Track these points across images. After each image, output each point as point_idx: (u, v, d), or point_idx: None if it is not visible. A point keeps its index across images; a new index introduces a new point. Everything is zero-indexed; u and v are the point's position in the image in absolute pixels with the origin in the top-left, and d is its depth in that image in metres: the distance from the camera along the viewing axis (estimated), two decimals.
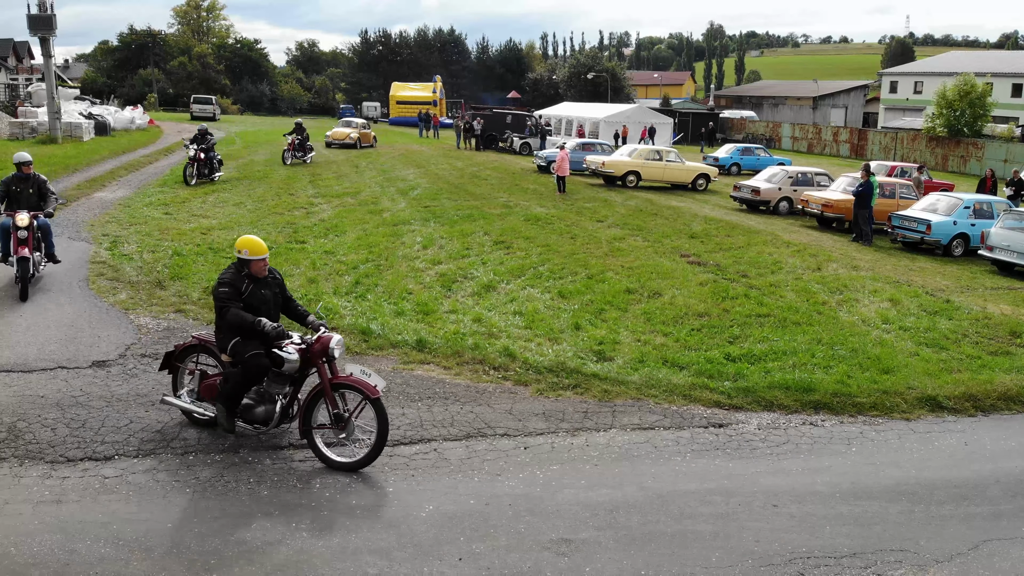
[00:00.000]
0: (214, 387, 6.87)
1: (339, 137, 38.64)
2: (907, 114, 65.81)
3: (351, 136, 38.60)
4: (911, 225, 18.71)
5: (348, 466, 6.48)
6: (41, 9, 30.11)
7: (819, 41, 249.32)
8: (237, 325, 6.52)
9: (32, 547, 5.23)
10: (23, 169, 11.24)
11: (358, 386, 6.49)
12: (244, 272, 6.79)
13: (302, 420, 6.62)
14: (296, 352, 6.58)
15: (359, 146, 38.42)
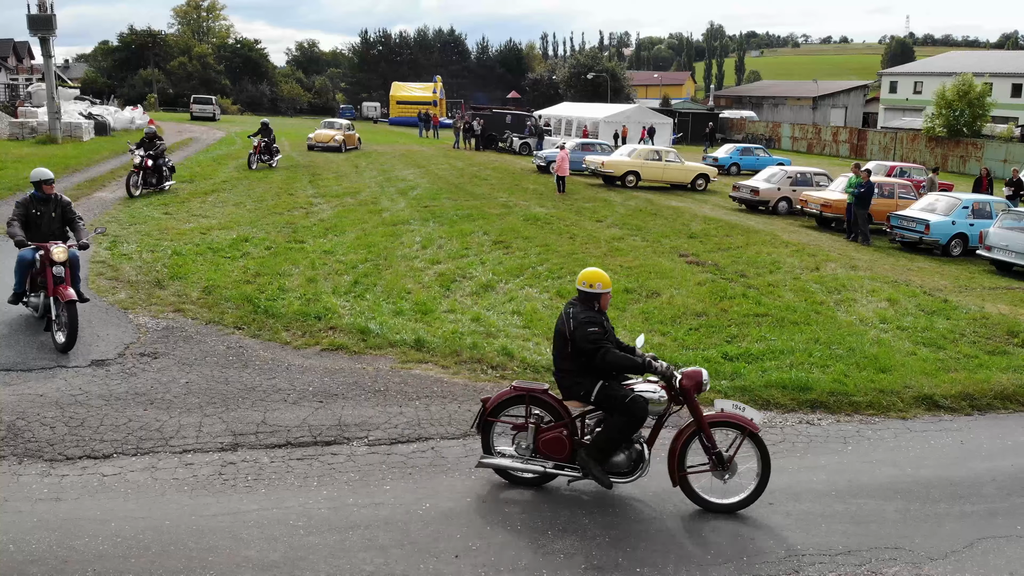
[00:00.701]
0: (559, 440, 6.13)
1: (322, 140, 36.58)
2: (907, 114, 65.85)
3: (335, 138, 36.59)
4: (910, 225, 18.74)
5: (730, 507, 6.16)
6: (41, 9, 30.13)
7: (819, 41, 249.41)
8: (617, 366, 6.00)
9: (31, 544, 5.26)
10: (44, 189, 9.45)
11: (736, 421, 6.15)
12: (596, 308, 6.25)
13: (677, 464, 6.14)
14: (662, 390, 6.11)
15: (344, 149, 36.58)
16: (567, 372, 6.13)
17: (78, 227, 9.71)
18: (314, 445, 6.97)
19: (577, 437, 6.19)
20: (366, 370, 8.80)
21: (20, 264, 9.24)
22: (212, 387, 8.08)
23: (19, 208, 9.34)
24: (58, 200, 9.63)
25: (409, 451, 6.95)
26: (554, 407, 6.23)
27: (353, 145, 38.39)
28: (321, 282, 12.19)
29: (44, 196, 9.48)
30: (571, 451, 6.12)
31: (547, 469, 6.15)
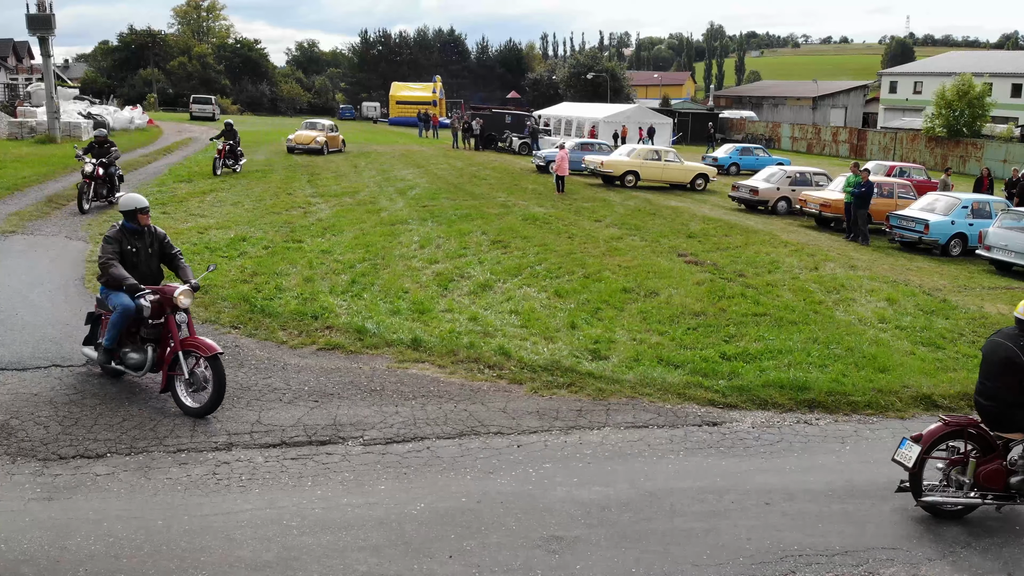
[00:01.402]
0: (999, 472, 6.11)
1: (302, 141, 34.16)
2: (907, 114, 65.82)
3: (316, 140, 34.29)
4: (909, 225, 18.70)
5: None
6: (40, 9, 30.09)
7: (819, 41, 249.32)
8: None
9: (23, 544, 5.23)
10: (139, 219, 7.87)
11: None
12: None
13: None
14: None
15: (326, 151, 34.47)
16: (1014, 405, 5.97)
17: (180, 265, 7.99)
18: (309, 445, 6.94)
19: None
20: (362, 369, 8.77)
21: (123, 316, 7.46)
22: None
23: (113, 244, 7.62)
24: (153, 233, 7.99)
25: (404, 451, 6.92)
26: (986, 439, 6.19)
27: (336, 147, 36.50)
28: (318, 281, 12.16)
29: (139, 228, 7.82)
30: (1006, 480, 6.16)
31: (985, 501, 6.19)
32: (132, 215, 7.82)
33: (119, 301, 7.47)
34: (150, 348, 7.53)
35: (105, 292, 7.71)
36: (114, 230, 7.82)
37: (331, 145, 35.64)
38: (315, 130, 35.79)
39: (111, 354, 7.64)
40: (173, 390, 7.41)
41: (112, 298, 7.56)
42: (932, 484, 6.29)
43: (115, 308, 7.48)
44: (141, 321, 7.51)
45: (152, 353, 7.50)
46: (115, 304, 7.49)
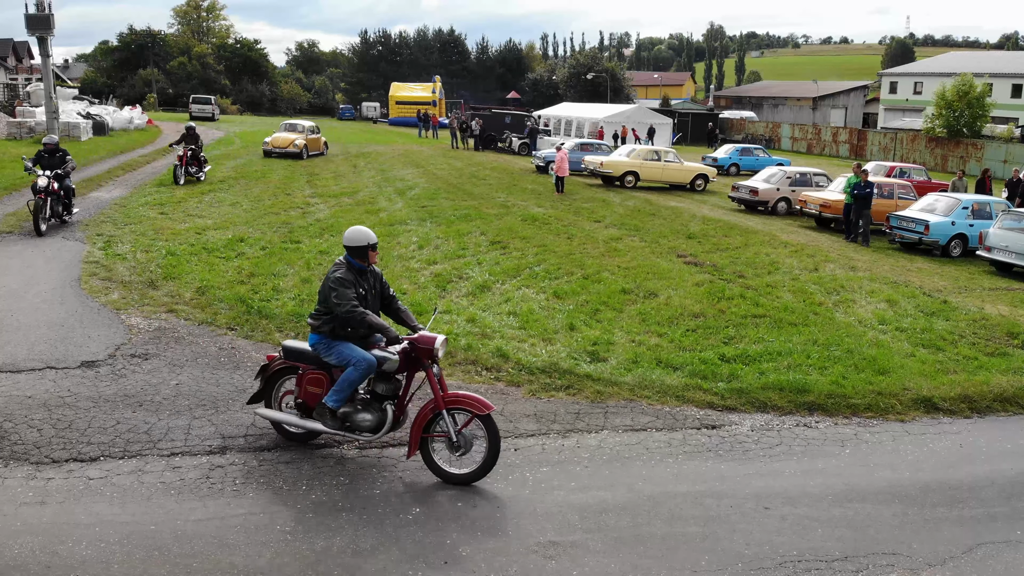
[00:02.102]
0: None
1: (280, 144, 31.69)
2: (907, 115, 65.76)
3: (295, 143, 31.67)
4: (909, 225, 18.64)
5: None
6: (39, 9, 29.99)
7: (819, 42, 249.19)
8: None
9: (14, 549, 5.17)
10: (370, 256, 6.62)
11: None
12: None
13: None
14: None
15: (306, 155, 31.92)
16: None
17: (400, 307, 6.91)
18: (303, 448, 6.87)
19: None
20: None
21: (364, 372, 6.39)
22: (202, 389, 7.99)
23: (350, 288, 6.40)
24: (375, 272, 6.83)
25: (399, 454, 6.85)
26: None
27: (317, 150, 34.03)
28: (316, 283, 12.08)
29: (365, 267, 6.66)
30: None
31: None
32: (362, 251, 6.54)
33: (357, 355, 6.37)
34: (389, 406, 6.53)
35: (327, 343, 6.46)
36: (343, 270, 6.47)
37: (312, 148, 33.22)
38: (295, 132, 33.19)
39: (337, 416, 6.50)
40: (428, 455, 6.48)
41: (343, 350, 6.41)
42: None
43: (348, 362, 6.37)
44: (377, 376, 6.55)
45: (391, 412, 6.53)
46: (349, 358, 6.37)
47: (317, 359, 6.55)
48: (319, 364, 6.56)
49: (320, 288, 6.59)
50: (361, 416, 6.47)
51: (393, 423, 6.52)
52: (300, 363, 6.68)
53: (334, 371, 6.52)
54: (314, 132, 34.27)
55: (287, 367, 6.82)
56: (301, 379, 6.64)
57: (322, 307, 6.51)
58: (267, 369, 6.89)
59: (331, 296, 6.32)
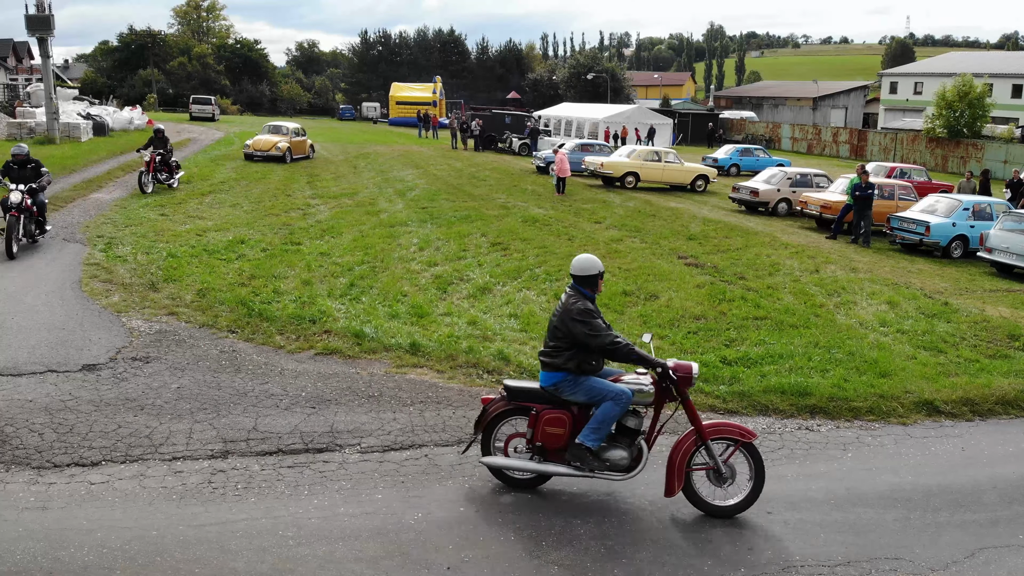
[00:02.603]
0: None
1: (261, 147, 30.00)
2: (907, 115, 65.77)
3: (278, 146, 30.02)
4: (910, 227, 18.63)
5: None
6: (39, 9, 30.02)
7: (819, 42, 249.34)
8: None
9: (15, 555, 5.16)
10: (599, 285, 6.33)
11: None
12: None
13: None
14: None
15: (289, 159, 30.28)
16: None
17: None
18: (306, 452, 6.87)
19: None
20: (360, 375, 8.70)
21: (623, 407, 6.06)
22: (204, 392, 7.98)
23: (597, 317, 6.10)
24: None
25: (402, 458, 6.85)
26: None
27: (303, 154, 32.17)
28: (316, 285, 12.09)
29: (593, 296, 6.28)
30: None
31: None
32: (593, 280, 6.20)
33: (612, 389, 6.03)
34: (643, 441, 6.21)
35: (572, 380, 6.10)
36: (582, 300, 6.08)
37: (296, 151, 31.39)
38: (278, 134, 31.43)
39: (600, 456, 6.09)
40: (690, 489, 6.20)
41: (594, 386, 6.07)
42: None
43: (603, 397, 6.02)
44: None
45: (646, 447, 6.20)
46: (604, 392, 6.02)
47: (554, 398, 6.15)
48: (557, 403, 6.15)
49: (554, 323, 6.12)
50: (617, 454, 6.08)
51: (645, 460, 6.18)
52: (532, 403, 6.21)
53: (574, 409, 6.15)
54: (299, 134, 32.44)
55: (510, 409, 6.31)
56: (537, 421, 6.12)
57: (561, 342, 6.06)
58: (486, 415, 6.31)
59: (582, 330, 5.93)
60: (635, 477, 6.15)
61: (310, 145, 33.37)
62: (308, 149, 32.93)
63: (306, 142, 32.88)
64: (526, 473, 6.32)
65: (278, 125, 33.41)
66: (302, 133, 32.86)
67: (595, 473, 6.08)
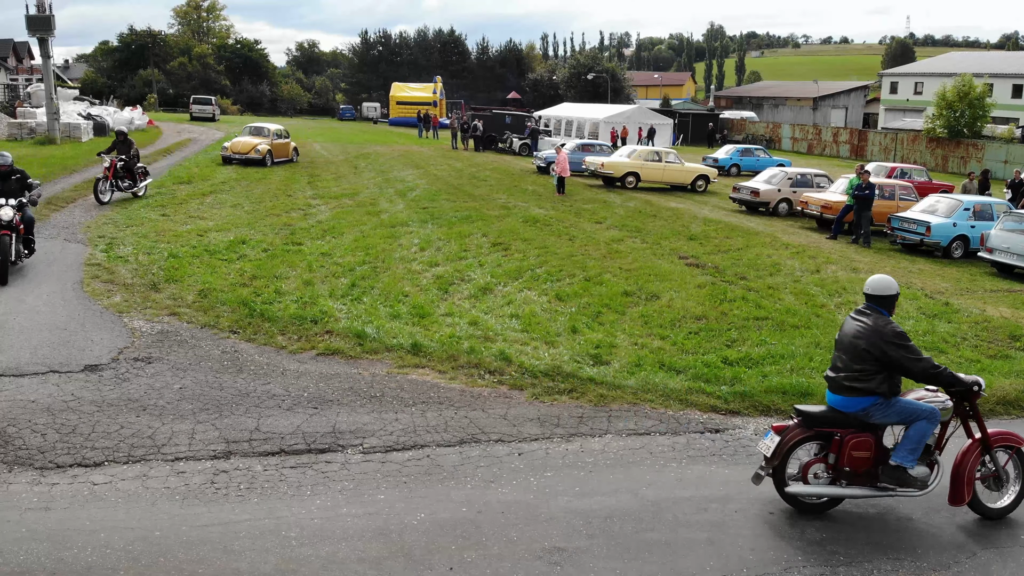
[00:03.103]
0: None
1: (240, 150, 28.51)
2: (907, 115, 65.78)
3: (257, 149, 28.42)
4: (910, 227, 18.64)
5: None
6: (40, 10, 30.06)
7: (819, 42, 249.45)
8: None
9: (19, 556, 5.17)
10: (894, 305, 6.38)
11: None
12: None
13: None
14: None
15: (270, 162, 28.69)
16: None
17: None
18: (308, 453, 6.88)
19: None
20: (362, 375, 8.71)
21: (936, 420, 6.20)
22: (206, 393, 7.99)
23: (910, 340, 6.11)
24: None
25: (404, 459, 6.86)
26: None
27: (285, 157, 30.50)
28: (318, 285, 12.10)
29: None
30: None
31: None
32: (891, 301, 6.21)
33: (924, 408, 6.14)
34: (937, 456, 6.36)
35: (884, 404, 6.12)
36: (892, 323, 6.09)
37: (278, 154, 29.80)
38: (259, 136, 29.79)
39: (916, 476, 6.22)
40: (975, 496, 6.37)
41: (906, 406, 6.15)
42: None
43: (917, 417, 6.11)
44: None
45: (939, 461, 6.36)
46: (917, 411, 6.12)
47: (857, 421, 6.17)
48: (861, 426, 6.18)
49: (861, 346, 6.02)
50: (923, 471, 6.23)
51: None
52: (833, 428, 6.19)
53: (879, 432, 6.21)
54: (281, 136, 30.86)
55: (807, 436, 6.23)
56: (842, 445, 6.11)
57: (870, 365, 6.03)
58: (783, 444, 6.16)
59: (902, 354, 5.91)
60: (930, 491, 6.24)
61: (293, 148, 31.67)
62: (291, 152, 31.29)
63: (289, 144, 31.37)
64: (823, 498, 6.34)
65: (259, 126, 31.65)
66: (284, 135, 31.36)
67: (897, 492, 6.21)
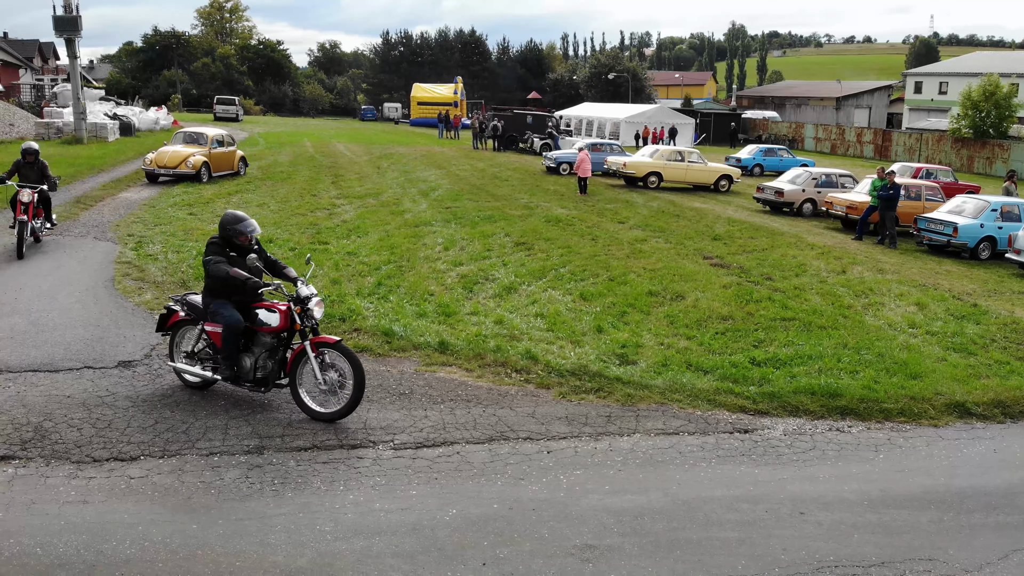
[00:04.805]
0: None
1: (168, 163, 22.64)
2: (932, 115, 65.15)
3: (189, 162, 22.59)
4: (937, 228, 18.48)
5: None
6: (66, 10, 30.48)
7: (842, 41, 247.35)
8: None
9: (58, 548, 5.26)
10: None
11: None
12: None
13: None
14: None
15: (205, 177, 23.08)
16: None
17: None
18: (340, 448, 6.94)
19: None
20: (390, 372, 8.77)
21: None
22: (238, 388, 8.07)
23: None
24: None
25: (435, 455, 6.91)
26: None
27: (228, 170, 24.72)
28: (345, 283, 12.19)
29: None
30: None
31: None
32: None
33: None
34: None
35: None
36: None
37: (217, 167, 24.02)
38: (194, 145, 23.83)
39: None
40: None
41: None
42: None
43: None
44: None
45: None
46: None
47: None
48: None
49: None
50: None
51: None
52: None
53: None
54: (223, 144, 24.69)
55: None
56: None
57: None
58: None
59: None
60: None
61: (240, 158, 25.62)
62: (235, 163, 25.21)
63: (233, 154, 25.21)
64: None
65: (196, 132, 25.26)
66: (228, 142, 25.17)
67: None
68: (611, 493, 6.40)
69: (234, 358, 7.47)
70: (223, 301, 7.48)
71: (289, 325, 7.43)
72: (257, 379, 7.53)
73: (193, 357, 7.83)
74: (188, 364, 7.85)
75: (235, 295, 7.49)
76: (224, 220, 7.77)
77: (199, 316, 7.74)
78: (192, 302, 7.90)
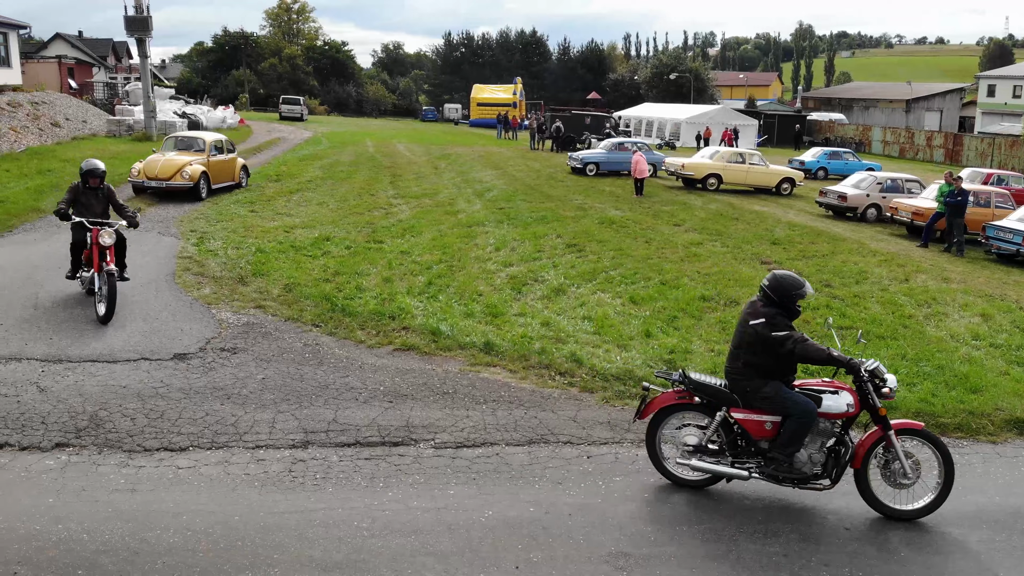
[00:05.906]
0: None
1: (160, 174, 19.02)
2: (1005, 119, 62.78)
3: (185, 172, 19.06)
4: (1007, 236, 17.82)
5: None
6: (137, 11, 31.41)
7: (913, 42, 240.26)
8: None
9: (104, 535, 5.43)
10: None
11: None
12: None
13: None
14: None
15: (204, 191, 19.59)
16: None
17: None
18: (382, 445, 7.02)
19: None
20: (435, 371, 8.83)
21: None
22: (287, 384, 8.23)
23: None
24: None
25: (474, 456, 6.93)
26: None
27: (229, 180, 21.36)
28: (397, 282, 12.32)
29: None
30: None
31: None
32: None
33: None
34: None
35: None
36: None
37: (217, 178, 20.56)
38: (189, 152, 20.20)
39: None
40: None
41: None
42: None
43: None
44: None
45: None
46: None
47: None
48: None
49: None
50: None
51: None
52: None
53: None
54: (222, 151, 21.12)
55: None
56: None
57: None
58: None
59: None
60: None
61: (241, 167, 22.33)
62: (237, 174, 21.89)
63: (234, 162, 21.81)
64: None
65: (190, 137, 21.66)
66: (229, 149, 21.69)
67: None
68: (650, 502, 6.33)
69: (796, 453, 6.18)
70: (778, 383, 6.21)
71: (860, 410, 6.31)
72: (815, 474, 6.20)
73: (699, 451, 6.39)
74: (696, 459, 6.36)
75: (788, 375, 6.32)
76: (785, 283, 6.43)
77: (722, 402, 6.36)
78: (702, 382, 6.46)
